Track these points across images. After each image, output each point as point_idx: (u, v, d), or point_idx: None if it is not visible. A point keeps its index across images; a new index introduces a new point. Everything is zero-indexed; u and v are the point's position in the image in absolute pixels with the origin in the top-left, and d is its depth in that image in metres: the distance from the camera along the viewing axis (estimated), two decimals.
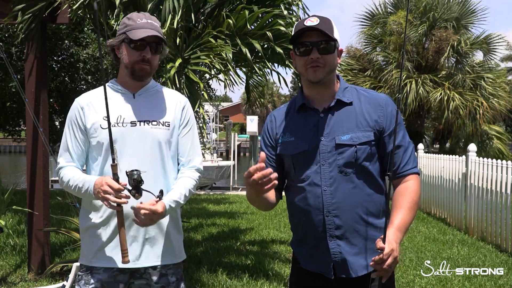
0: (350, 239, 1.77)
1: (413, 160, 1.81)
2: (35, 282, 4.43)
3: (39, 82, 4.59)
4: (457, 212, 7.62)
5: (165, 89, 2.15)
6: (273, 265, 5.02)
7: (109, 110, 1.94)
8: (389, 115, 1.80)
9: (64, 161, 2.04)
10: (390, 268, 1.55)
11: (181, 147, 2.09)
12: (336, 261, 1.79)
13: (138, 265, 2.00)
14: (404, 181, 1.79)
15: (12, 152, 40.30)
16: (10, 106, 10.90)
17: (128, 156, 1.97)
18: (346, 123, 1.79)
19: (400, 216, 1.71)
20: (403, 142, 1.80)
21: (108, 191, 1.80)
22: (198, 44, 3.92)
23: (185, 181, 2.04)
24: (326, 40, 1.74)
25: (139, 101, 2.04)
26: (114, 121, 1.98)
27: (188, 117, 2.12)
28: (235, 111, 51.86)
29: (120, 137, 1.97)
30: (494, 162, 6.46)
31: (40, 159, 4.62)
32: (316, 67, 1.75)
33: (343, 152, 1.76)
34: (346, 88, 1.85)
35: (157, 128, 2.01)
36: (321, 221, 1.78)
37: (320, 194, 1.77)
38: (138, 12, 2.05)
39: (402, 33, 12.95)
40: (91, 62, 10.44)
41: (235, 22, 3.96)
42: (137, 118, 2.01)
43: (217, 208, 9.20)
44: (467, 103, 12.36)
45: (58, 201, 8.59)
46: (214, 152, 21.31)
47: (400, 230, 1.67)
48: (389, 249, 1.54)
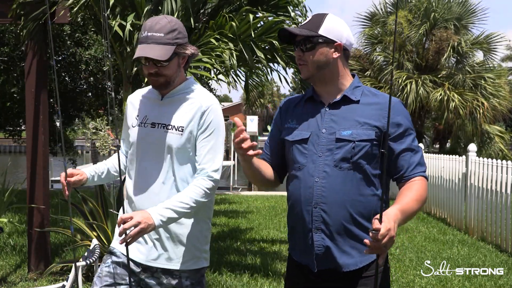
0: (335, 235, 1.76)
1: (421, 165, 1.81)
2: (35, 282, 4.43)
3: (39, 82, 4.59)
4: (457, 212, 7.62)
5: (196, 91, 2.07)
6: (273, 265, 5.02)
7: (141, 110, 2.10)
8: (396, 120, 1.78)
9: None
10: (386, 248, 1.52)
11: (197, 153, 2.01)
12: (318, 254, 1.78)
13: (149, 264, 2.02)
14: (410, 181, 1.78)
15: (12, 152, 40.29)
16: (10, 106, 10.91)
17: (145, 156, 2.04)
18: (349, 120, 1.79)
19: (405, 200, 1.68)
20: (412, 146, 1.80)
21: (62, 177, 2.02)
22: (199, 46, 3.91)
23: (188, 191, 1.94)
24: (306, 37, 1.79)
25: (165, 104, 2.06)
26: (140, 121, 2.08)
27: (209, 122, 2.01)
28: (235, 111, 51.80)
29: (140, 137, 2.05)
30: (494, 162, 6.46)
31: (40, 159, 4.62)
32: (300, 65, 1.84)
33: (341, 147, 1.76)
34: (358, 87, 1.86)
35: (170, 133, 2.00)
36: (309, 212, 1.78)
37: (312, 185, 1.78)
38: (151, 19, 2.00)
39: (402, 33, 12.96)
40: (93, 63, 10.45)
41: (238, 25, 3.95)
42: (158, 121, 2.04)
43: (217, 208, 9.20)
44: (467, 103, 12.36)
45: (58, 201, 8.61)
46: None
47: (403, 212, 1.63)
48: (385, 229, 1.49)
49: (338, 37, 1.80)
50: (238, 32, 3.95)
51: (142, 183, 2.04)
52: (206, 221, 2.11)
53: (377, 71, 13.53)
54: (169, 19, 1.97)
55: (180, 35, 1.96)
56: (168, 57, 1.92)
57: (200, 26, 4.33)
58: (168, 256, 2.02)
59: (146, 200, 2.01)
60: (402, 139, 1.79)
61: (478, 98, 12.51)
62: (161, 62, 1.93)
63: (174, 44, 1.93)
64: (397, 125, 1.78)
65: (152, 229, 1.83)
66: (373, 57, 13.76)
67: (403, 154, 1.78)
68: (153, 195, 2.01)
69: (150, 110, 2.08)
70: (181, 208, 1.89)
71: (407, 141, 1.79)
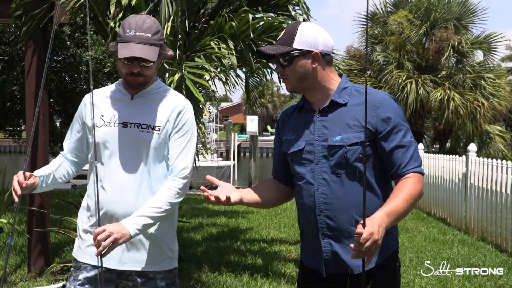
0: (343, 239, 1.79)
1: (414, 160, 1.76)
2: (35, 282, 4.43)
3: (39, 82, 4.59)
4: (457, 212, 7.62)
5: (169, 92, 2.10)
6: (273, 265, 5.02)
7: (107, 110, 2.02)
8: (384, 116, 1.76)
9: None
10: (370, 251, 1.53)
11: (170, 152, 2.03)
12: (327, 259, 1.81)
13: (123, 268, 1.99)
14: (404, 178, 1.75)
15: (12, 152, 40.32)
16: (10, 106, 10.91)
17: (116, 157, 1.98)
18: (339, 124, 1.80)
19: (393, 203, 1.67)
20: (402, 142, 1.76)
21: (14, 183, 1.87)
22: (198, 50, 3.87)
23: (160, 194, 1.94)
24: (281, 53, 1.81)
25: (136, 103, 2.03)
26: (108, 120, 2.01)
27: (184, 122, 2.04)
28: (235, 111, 51.85)
29: (108, 137, 1.99)
30: (494, 162, 6.46)
31: (40, 159, 4.62)
32: (283, 80, 1.88)
33: (334, 153, 1.78)
34: (345, 89, 1.85)
35: (146, 132, 1.98)
36: (314, 220, 1.82)
37: (313, 193, 1.81)
38: (133, 17, 1.97)
39: (403, 33, 12.96)
40: (93, 64, 10.45)
41: (237, 25, 3.94)
42: (129, 120, 2.00)
43: (217, 208, 9.20)
44: (468, 103, 12.36)
45: (58, 201, 8.61)
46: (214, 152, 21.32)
47: (388, 215, 1.62)
48: (367, 233, 1.51)
49: (314, 46, 1.80)
50: (237, 32, 3.95)
51: (112, 185, 1.98)
52: (175, 221, 2.14)
53: (377, 71, 13.53)
54: (153, 20, 1.97)
55: (162, 36, 1.99)
56: (156, 58, 1.94)
57: (200, 27, 4.33)
58: (142, 258, 2.00)
59: (119, 201, 1.96)
60: (392, 137, 1.76)
61: (478, 98, 12.51)
62: (147, 62, 1.93)
63: (159, 46, 1.95)
64: (386, 122, 1.76)
65: (128, 238, 1.82)
66: (373, 57, 13.76)
67: (395, 151, 1.76)
68: (126, 196, 1.97)
69: (119, 109, 2.02)
70: (156, 213, 1.90)
71: (397, 138, 1.76)
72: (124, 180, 1.97)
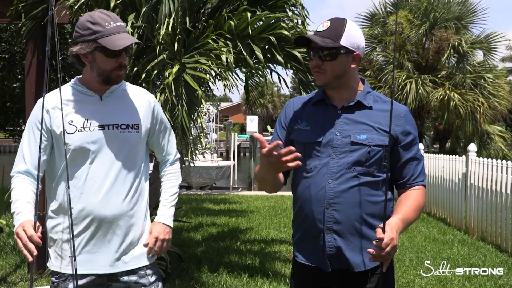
0: (348, 235, 1.80)
1: (423, 174, 1.91)
2: (35, 282, 4.43)
3: (39, 82, 4.59)
4: (457, 212, 7.62)
5: (130, 87, 2.07)
6: (273, 265, 5.02)
7: (75, 114, 1.91)
8: (406, 128, 1.86)
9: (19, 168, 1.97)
10: (389, 255, 1.62)
11: (157, 146, 2.14)
12: (330, 254, 1.82)
13: (114, 270, 1.97)
14: (411, 189, 1.87)
15: (12, 152, 40.35)
16: (10, 106, 10.91)
17: (98, 161, 1.92)
18: (364, 124, 1.83)
19: (405, 210, 1.79)
20: (417, 155, 1.88)
21: (21, 236, 1.78)
22: (197, 47, 3.89)
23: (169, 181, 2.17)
24: (328, 47, 1.77)
25: (106, 103, 1.97)
26: (81, 126, 1.91)
27: (160, 116, 2.11)
28: (235, 111, 51.85)
29: (85, 142, 1.90)
30: (494, 162, 6.46)
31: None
32: (317, 73, 1.84)
33: (356, 150, 1.80)
34: (369, 93, 1.90)
35: (127, 132, 1.96)
36: (321, 213, 1.81)
37: (324, 186, 1.81)
38: (100, 13, 1.88)
39: (403, 33, 12.96)
40: None
41: (236, 24, 3.94)
42: (105, 122, 1.93)
43: (217, 208, 9.20)
44: (468, 103, 12.36)
45: None
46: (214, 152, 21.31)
47: (403, 221, 1.76)
48: (388, 238, 1.60)
49: (357, 47, 1.83)
50: (236, 31, 3.95)
51: (100, 189, 1.92)
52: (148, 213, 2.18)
53: (376, 70, 13.53)
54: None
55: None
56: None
57: (200, 26, 4.33)
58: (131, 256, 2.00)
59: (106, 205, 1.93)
60: (411, 148, 1.87)
61: (478, 98, 12.51)
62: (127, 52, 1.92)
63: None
64: (407, 134, 1.86)
65: (170, 232, 2.09)
66: (373, 57, 13.76)
67: (410, 162, 1.87)
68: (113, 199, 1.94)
69: (90, 112, 1.93)
70: (175, 199, 2.15)
71: (414, 150, 1.87)
72: (109, 183, 1.93)
